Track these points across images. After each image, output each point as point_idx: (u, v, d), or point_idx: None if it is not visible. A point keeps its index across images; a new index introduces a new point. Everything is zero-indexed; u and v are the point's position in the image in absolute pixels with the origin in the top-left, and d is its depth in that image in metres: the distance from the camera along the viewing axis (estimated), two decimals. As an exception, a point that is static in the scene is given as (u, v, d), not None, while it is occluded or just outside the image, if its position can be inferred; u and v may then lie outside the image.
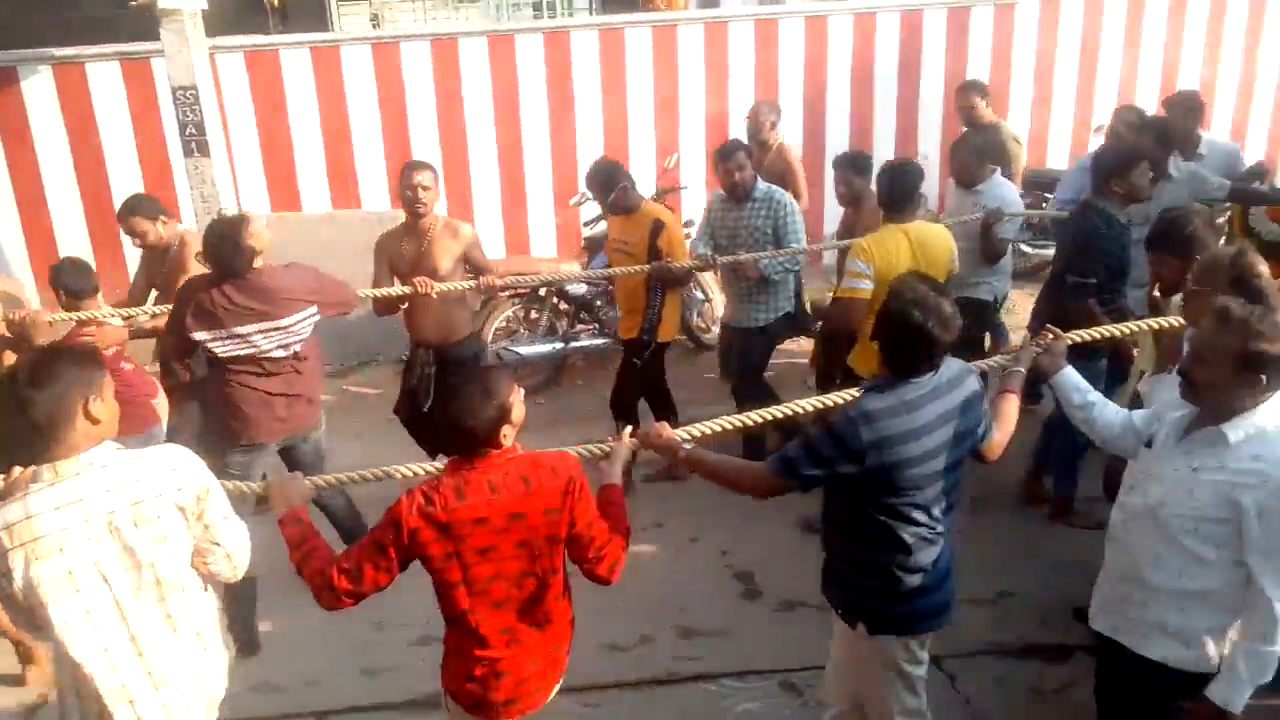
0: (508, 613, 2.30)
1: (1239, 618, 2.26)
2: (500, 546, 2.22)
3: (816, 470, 2.42)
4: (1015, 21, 7.83)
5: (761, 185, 4.68)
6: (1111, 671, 2.53)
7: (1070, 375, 2.82)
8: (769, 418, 2.98)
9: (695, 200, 6.89)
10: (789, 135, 7.45)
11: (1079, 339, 3.12)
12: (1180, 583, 2.30)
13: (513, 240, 7.38)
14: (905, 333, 2.38)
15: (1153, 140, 4.62)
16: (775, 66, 7.48)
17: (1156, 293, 3.81)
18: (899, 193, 4.01)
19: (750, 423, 2.96)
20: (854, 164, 4.85)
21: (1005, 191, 4.94)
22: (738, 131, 7.48)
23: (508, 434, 2.24)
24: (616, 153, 6.61)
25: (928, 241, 4.00)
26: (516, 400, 2.25)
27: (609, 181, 4.62)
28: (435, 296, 4.19)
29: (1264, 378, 2.18)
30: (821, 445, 2.40)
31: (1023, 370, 2.89)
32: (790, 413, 3.00)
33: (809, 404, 2.99)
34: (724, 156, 4.60)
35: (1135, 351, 3.88)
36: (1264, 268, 2.85)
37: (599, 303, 6.17)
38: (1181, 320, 3.08)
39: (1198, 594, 2.28)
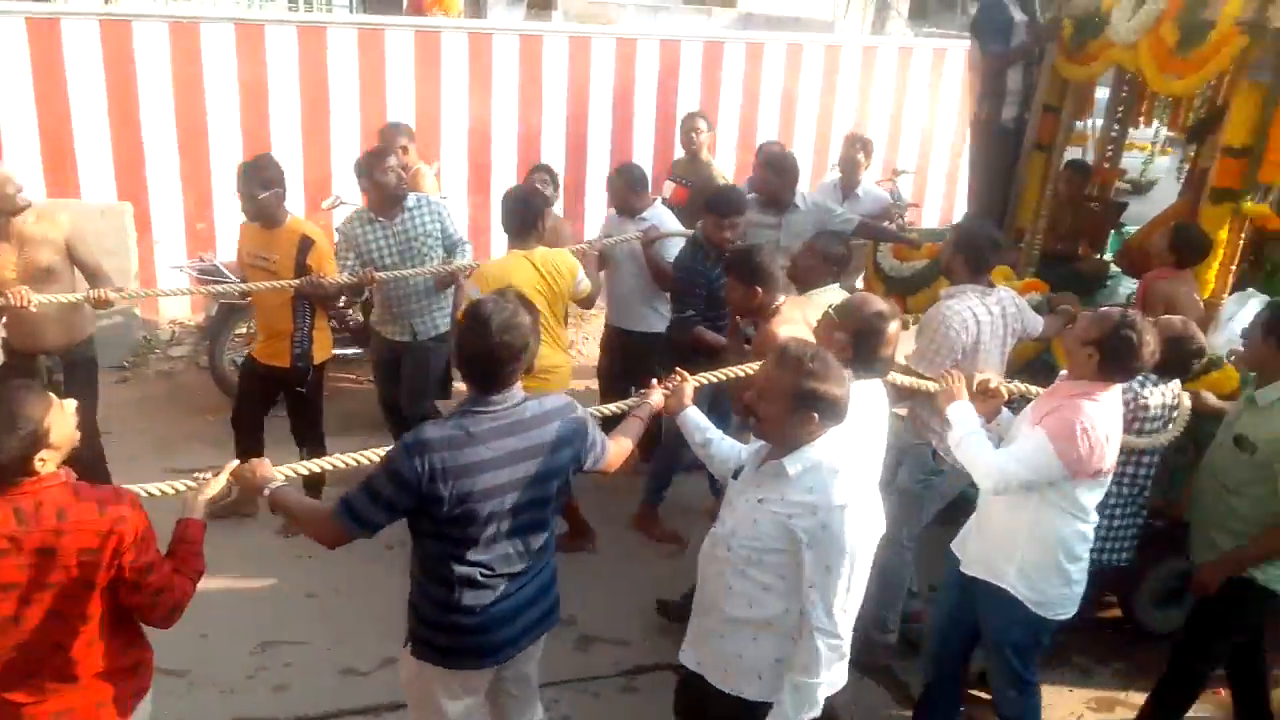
0: (28, 659, 2.10)
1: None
2: (22, 583, 2.04)
3: (378, 515, 2.32)
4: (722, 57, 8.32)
5: (412, 195, 4.66)
6: (695, 705, 2.58)
7: (692, 415, 2.93)
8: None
9: (454, 210, 6.77)
10: (552, 154, 7.57)
11: (707, 380, 3.21)
12: (751, 612, 2.37)
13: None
14: (472, 349, 2.35)
15: (774, 175, 4.87)
16: (540, 81, 7.52)
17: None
18: (522, 220, 4.07)
19: (352, 462, 2.76)
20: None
21: (666, 217, 5.11)
22: (501, 143, 7.51)
23: (46, 459, 2.05)
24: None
25: (552, 267, 4.05)
26: (56, 421, 2.07)
27: (265, 179, 4.17)
28: (34, 309, 3.86)
29: (815, 415, 2.30)
30: (380, 485, 2.31)
31: (651, 404, 2.98)
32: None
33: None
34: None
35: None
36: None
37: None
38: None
39: (765, 623, 2.36)
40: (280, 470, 2.55)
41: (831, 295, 3.79)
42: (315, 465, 2.80)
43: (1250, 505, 3.25)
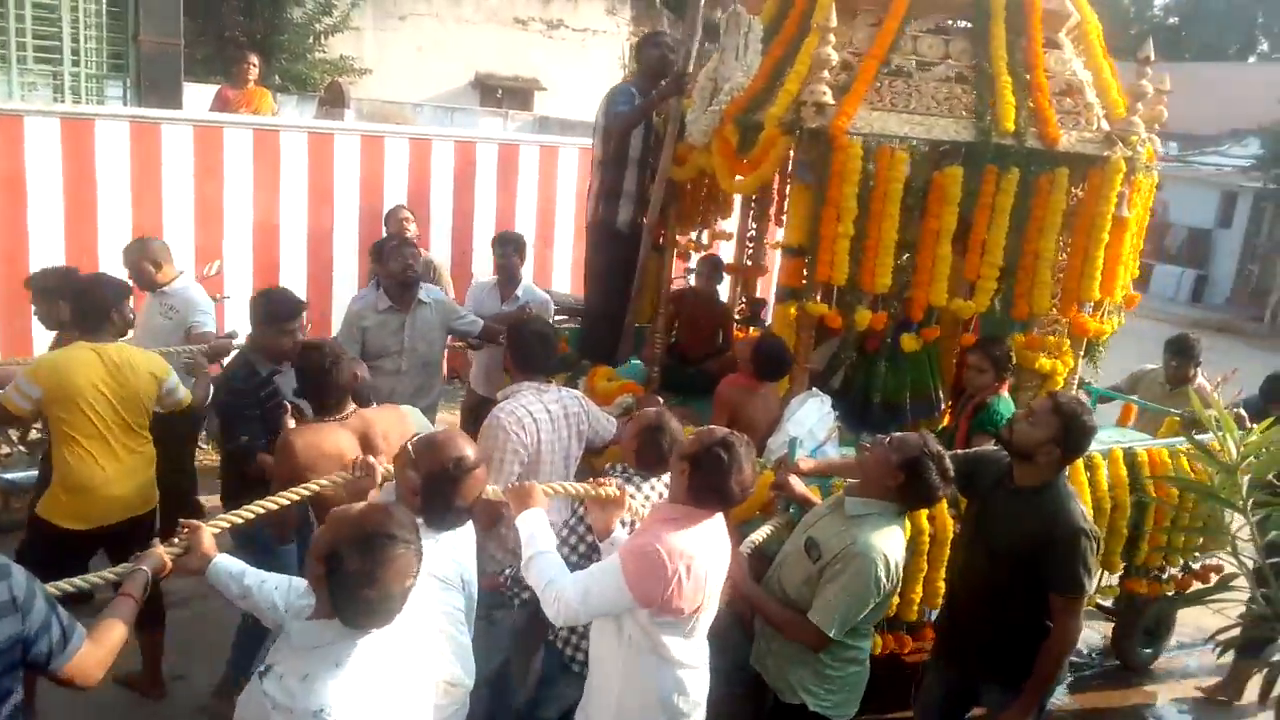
0: None
1: None
2: None
3: None
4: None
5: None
6: None
7: (223, 565, 2.57)
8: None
9: (238, 312, 6.45)
10: (343, 252, 7.39)
11: (228, 523, 2.77)
12: None
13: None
14: None
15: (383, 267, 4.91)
16: (331, 178, 7.38)
17: None
18: (92, 308, 3.76)
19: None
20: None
21: (193, 293, 4.99)
22: (290, 240, 7.27)
23: None
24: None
25: (128, 366, 3.76)
26: None
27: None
28: None
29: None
30: None
31: (145, 569, 2.46)
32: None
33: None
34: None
35: None
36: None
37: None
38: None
39: None
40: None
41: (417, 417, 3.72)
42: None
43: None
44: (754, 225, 6.06)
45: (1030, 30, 4.41)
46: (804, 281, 4.27)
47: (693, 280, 6.01)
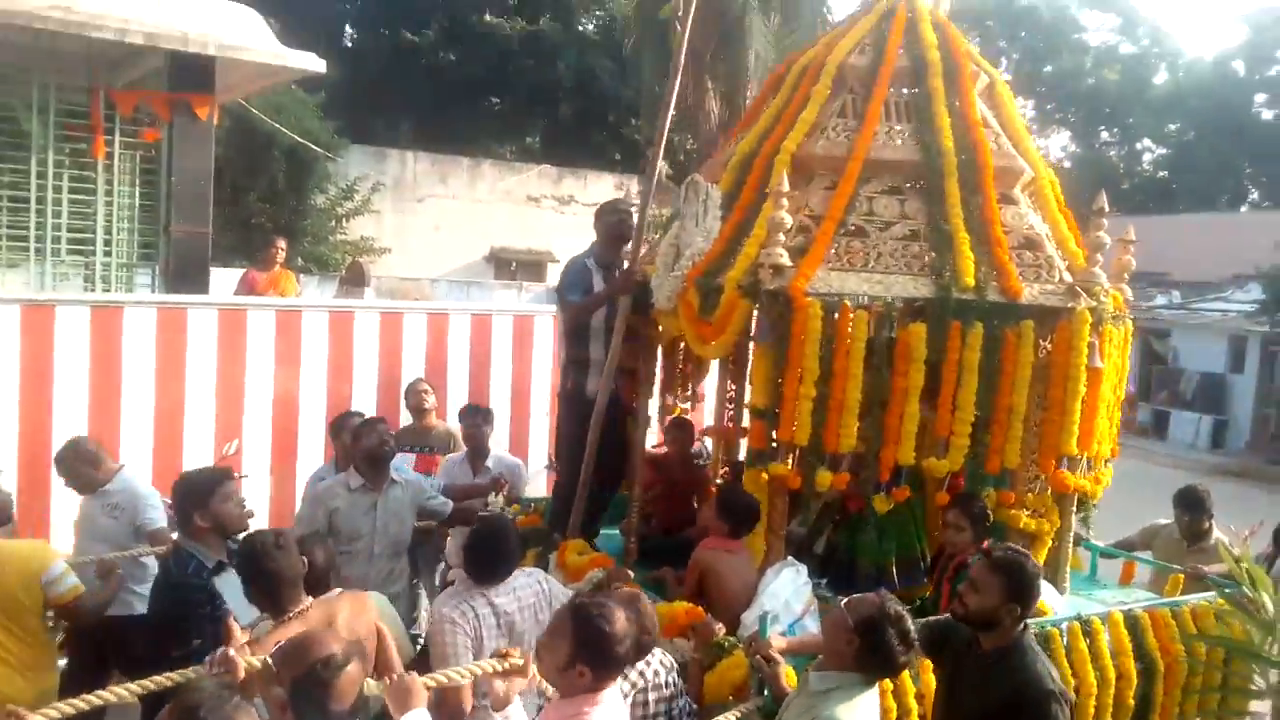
0: None
1: None
2: None
3: None
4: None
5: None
6: None
7: None
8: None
9: (258, 491, 6.48)
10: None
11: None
12: None
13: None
14: None
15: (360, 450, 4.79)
16: (350, 355, 7.54)
17: None
18: None
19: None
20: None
21: (137, 485, 4.84)
22: (309, 417, 7.36)
23: None
24: (168, 439, 6.11)
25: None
26: None
27: None
28: None
29: None
30: None
31: None
32: None
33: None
34: None
35: None
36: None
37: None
38: None
39: None
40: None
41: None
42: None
43: None
44: (733, 385, 5.97)
45: (984, 187, 4.50)
46: (772, 444, 4.23)
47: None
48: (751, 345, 4.94)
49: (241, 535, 3.59)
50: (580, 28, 23.68)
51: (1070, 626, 4.17)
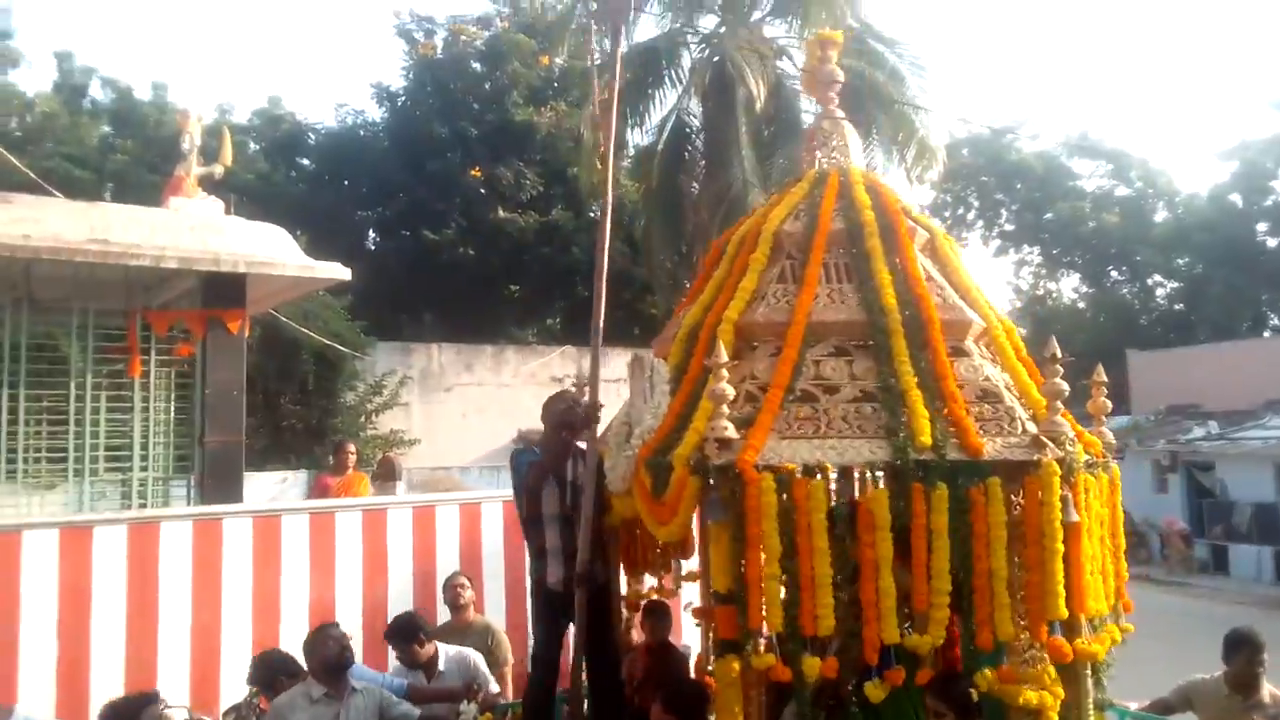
0: None
1: None
2: None
3: None
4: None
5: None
6: None
7: None
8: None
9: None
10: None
11: None
12: None
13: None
14: None
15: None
16: (385, 553, 7.48)
17: None
18: None
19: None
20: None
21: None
22: (345, 617, 7.22)
23: None
24: (207, 652, 6.01)
25: None
26: None
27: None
28: None
29: None
30: None
31: None
32: None
33: None
34: None
35: None
36: None
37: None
38: None
39: None
40: None
41: None
42: None
43: None
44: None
45: (932, 341, 4.31)
46: (744, 631, 3.88)
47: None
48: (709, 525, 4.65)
49: None
50: (591, 215, 24.69)
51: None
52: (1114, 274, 39.24)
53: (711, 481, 3.93)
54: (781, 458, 3.94)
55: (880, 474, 4.19)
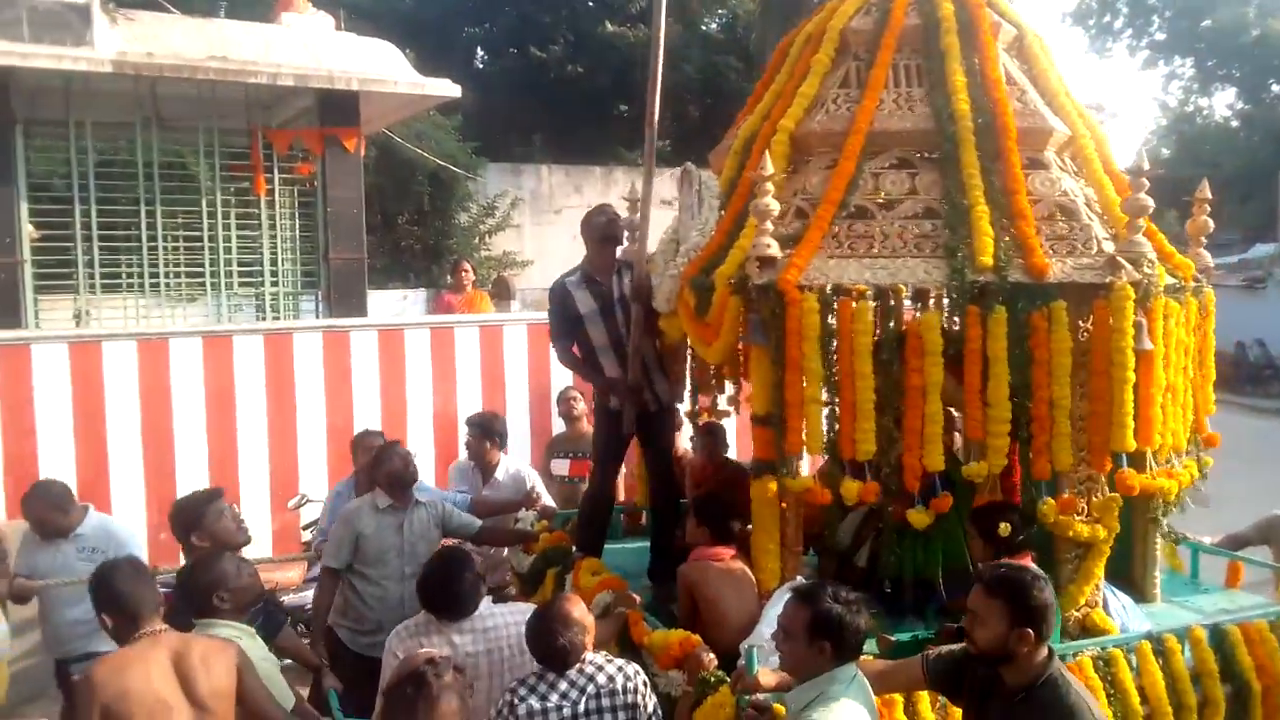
0: None
1: None
2: None
3: None
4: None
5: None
6: None
7: None
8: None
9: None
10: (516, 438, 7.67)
11: None
12: None
13: (222, 548, 6.80)
14: None
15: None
16: (501, 367, 7.75)
17: None
18: None
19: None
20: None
21: (112, 526, 4.65)
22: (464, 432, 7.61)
23: None
24: (340, 457, 6.43)
25: None
26: None
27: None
28: None
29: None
30: None
31: None
32: None
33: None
34: None
35: None
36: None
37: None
38: None
39: None
40: None
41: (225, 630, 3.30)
42: None
43: None
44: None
45: (1006, 152, 3.95)
46: (779, 453, 3.75)
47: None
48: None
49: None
50: (703, 28, 23.64)
51: (1139, 647, 3.63)
52: (1276, 89, 35.87)
53: (753, 301, 3.76)
54: (828, 277, 3.74)
55: (947, 299, 3.96)
